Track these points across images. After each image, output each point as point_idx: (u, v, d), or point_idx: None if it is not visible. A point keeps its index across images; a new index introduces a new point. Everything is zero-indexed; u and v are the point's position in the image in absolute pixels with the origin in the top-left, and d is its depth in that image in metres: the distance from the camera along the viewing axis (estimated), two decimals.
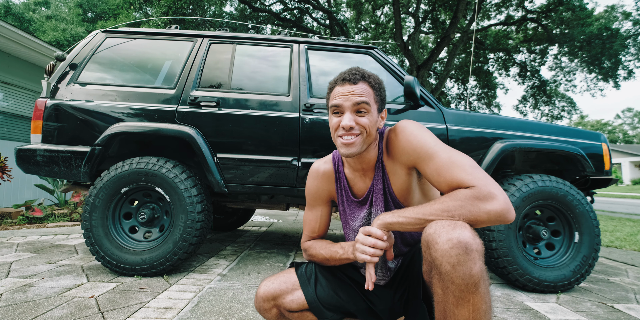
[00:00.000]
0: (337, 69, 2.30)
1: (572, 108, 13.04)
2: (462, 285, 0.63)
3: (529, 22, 11.18)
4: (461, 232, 0.64)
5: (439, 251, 0.64)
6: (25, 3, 20.37)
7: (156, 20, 8.06)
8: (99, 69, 2.26)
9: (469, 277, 0.62)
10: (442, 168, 0.77)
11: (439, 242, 0.64)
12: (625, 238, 3.87)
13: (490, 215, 0.66)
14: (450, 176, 0.74)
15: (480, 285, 0.63)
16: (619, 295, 1.91)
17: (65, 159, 2.04)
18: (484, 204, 0.67)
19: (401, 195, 0.92)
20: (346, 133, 0.86)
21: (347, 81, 0.87)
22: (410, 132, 0.87)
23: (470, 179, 0.71)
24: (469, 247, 0.63)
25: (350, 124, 0.85)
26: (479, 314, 0.64)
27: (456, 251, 0.62)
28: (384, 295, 0.97)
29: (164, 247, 1.93)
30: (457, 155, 0.78)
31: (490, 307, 0.66)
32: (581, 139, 2.16)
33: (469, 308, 0.64)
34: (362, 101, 0.86)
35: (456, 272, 0.62)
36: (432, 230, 0.68)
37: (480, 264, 0.63)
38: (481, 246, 0.65)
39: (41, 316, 1.37)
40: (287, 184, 2.10)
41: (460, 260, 0.62)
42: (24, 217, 3.82)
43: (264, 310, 0.93)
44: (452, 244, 0.63)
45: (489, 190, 0.68)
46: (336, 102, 0.87)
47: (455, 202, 0.69)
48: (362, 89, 0.87)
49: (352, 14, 13.15)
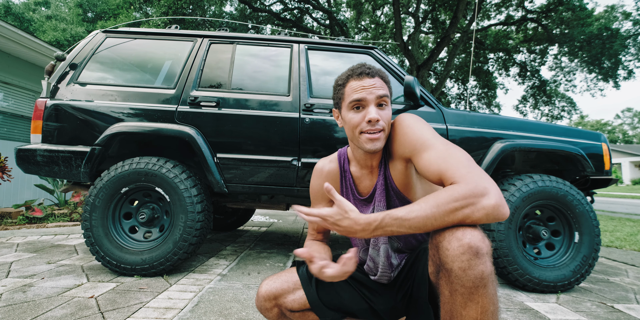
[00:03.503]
0: (337, 69, 2.31)
1: (572, 108, 13.05)
2: (471, 287, 0.62)
3: (529, 22, 11.19)
4: (472, 236, 0.63)
5: (450, 256, 0.63)
6: (25, 3, 20.37)
7: (156, 20, 8.06)
8: (99, 69, 2.26)
9: (480, 280, 0.61)
10: (437, 159, 0.75)
11: (450, 248, 0.63)
12: (625, 238, 3.87)
13: (487, 210, 0.64)
14: (445, 168, 0.72)
15: (489, 287, 0.63)
16: (619, 295, 1.91)
17: (65, 159, 2.04)
18: (480, 200, 0.64)
19: (403, 189, 0.91)
20: (372, 128, 0.84)
21: (366, 75, 0.86)
22: (408, 125, 0.86)
23: (465, 173, 0.69)
24: (480, 251, 0.62)
25: (377, 116, 0.83)
26: (486, 315, 0.63)
27: (467, 256, 0.62)
28: (386, 294, 0.96)
29: (164, 247, 1.93)
30: (454, 149, 0.76)
31: (497, 308, 0.65)
32: (581, 139, 2.16)
33: (477, 309, 0.63)
34: (385, 94, 0.85)
35: (467, 276, 0.62)
36: (440, 234, 0.67)
37: (490, 265, 0.63)
38: (490, 247, 0.64)
39: (41, 316, 1.37)
40: (287, 184, 2.10)
41: (471, 265, 0.61)
42: (24, 217, 3.82)
43: (265, 310, 0.92)
44: (463, 249, 0.62)
45: (484, 186, 0.66)
46: (358, 95, 0.85)
47: (451, 198, 0.65)
48: (381, 83, 0.86)
49: (352, 14, 13.15)
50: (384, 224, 0.68)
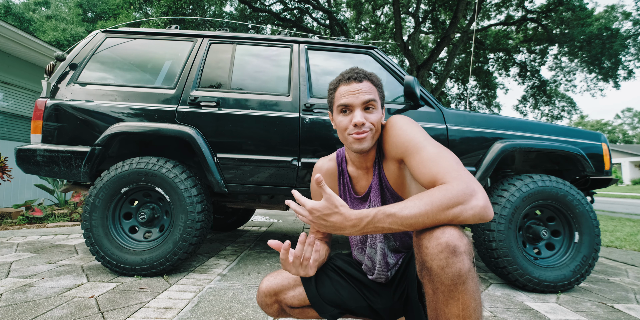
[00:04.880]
0: (337, 69, 2.30)
1: (572, 108, 13.05)
2: (450, 285, 0.64)
3: (529, 22, 11.19)
4: (450, 235, 0.65)
5: (429, 255, 0.65)
6: (25, 3, 20.37)
7: (156, 20, 8.06)
8: (99, 69, 2.26)
9: (458, 277, 0.63)
10: (428, 161, 0.77)
11: (429, 246, 0.65)
12: (625, 238, 3.87)
13: (475, 210, 0.66)
14: (436, 170, 0.74)
15: (469, 284, 0.64)
16: (619, 295, 1.91)
17: (65, 159, 2.04)
18: (471, 200, 0.66)
19: (398, 188, 0.94)
20: (358, 131, 0.88)
21: (353, 80, 0.89)
22: (400, 127, 0.88)
23: (456, 175, 0.71)
24: (457, 249, 0.63)
25: (362, 120, 0.86)
26: (468, 311, 0.65)
27: (445, 255, 0.63)
28: (384, 294, 0.97)
29: (164, 247, 1.93)
30: (445, 151, 0.79)
31: (479, 304, 0.66)
32: (581, 139, 2.16)
33: (459, 306, 0.65)
34: (371, 99, 0.88)
35: (445, 274, 0.63)
36: (421, 233, 0.68)
37: (468, 263, 0.64)
38: (469, 246, 0.65)
39: (41, 316, 1.37)
40: (287, 184, 2.10)
41: (449, 263, 0.63)
42: (24, 217, 3.82)
43: (266, 305, 0.94)
44: (441, 247, 0.64)
45: (473, 187, 0.68)
46: (345, 101, 0.88)
47: (444, 197, 0.66)
48: (368, 87, 0.89)
49: (352, 14, 13.15)
50: (376, 219, 0.68)
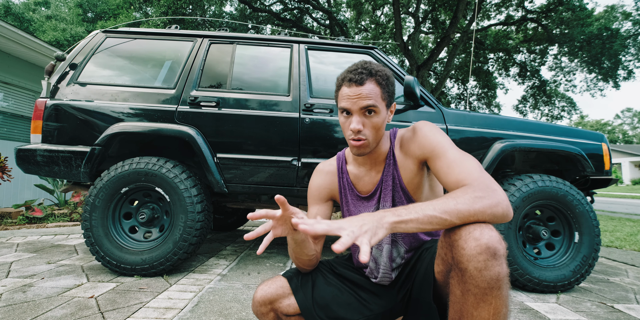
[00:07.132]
0: (337, 69, 2.30)
1: (572, 108, 13.05)
2: (486, 288, 0.62)
3: (529, 22, 11.18)
4: (489, 236, 0.63)
5: (466, 256, 0.63)
6: (25, 3, 20.37)
7: (156, 20, 8.06)
8: (99, 69, 2.26)
9: (495, 281, 0.62)
10: (453, 163, 0.79)
11: (466, 247, 0.63)
12: (625, 238, 3.87)
13: (495, 213, 0.66)
14: (460, 172, 0.76)
15: (503, 289, 0.63)
16: (619, 295, 1.91)
17: (65, 159, 2.04)
18: (491, 203, 0.67)
19: (411, 188, 0.94)
20: (355, 137, 0.88)
21: (354, 82, 0.85)
22: (429, 129, 0.90)
23: (478, 177, 0.73)
24: (498, 252, 0.62)
25: (359, 127, 0.86)
26: (498, 317, 0.63)
27: (484, 257, 0.62)
28: (386, 296, 0.96)
29: (164, 247, 1.93)
30: (468, 156, 0.82)
31: (509, 311, 0.65)
32: (581, 139, 2.16)
33: (490, 311, 0.63)
34: (370, 104, 0.85)
35: (482, 277, 0.62)
36: (457, 233, 0.66)
37: (506, 267, 0.63)
38: (506, 249, 0.65)
39: (41, 316, 1.37)
40: (287, 184, 2.10)
41: (488, 266, 0.61)
42: (24, 217, 3.82)
43: (261, 314, 0.92)
44: (480, 249, 0.62)
45: (494, 189, 0.69)
46: (344, 105, 0.88)
47: (465, 199, 0.67)
48: (369, 90, 0.85)
49: (352, 14, 13.14)
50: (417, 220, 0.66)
